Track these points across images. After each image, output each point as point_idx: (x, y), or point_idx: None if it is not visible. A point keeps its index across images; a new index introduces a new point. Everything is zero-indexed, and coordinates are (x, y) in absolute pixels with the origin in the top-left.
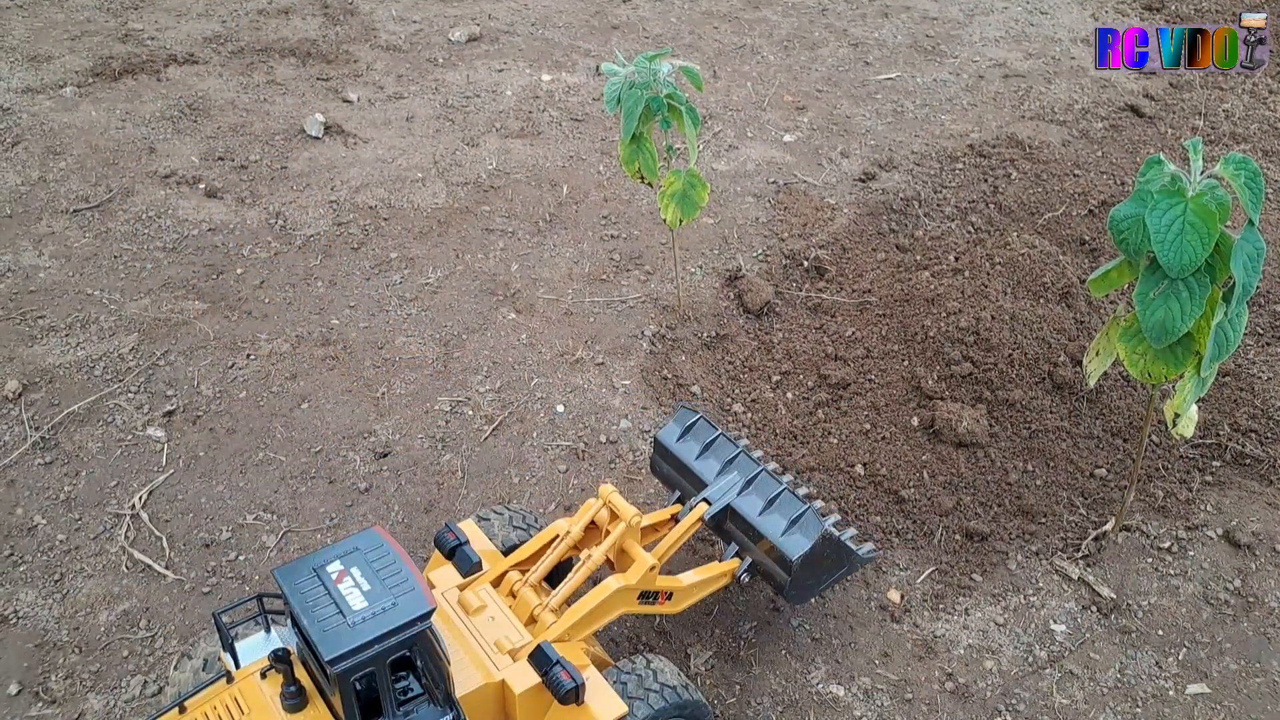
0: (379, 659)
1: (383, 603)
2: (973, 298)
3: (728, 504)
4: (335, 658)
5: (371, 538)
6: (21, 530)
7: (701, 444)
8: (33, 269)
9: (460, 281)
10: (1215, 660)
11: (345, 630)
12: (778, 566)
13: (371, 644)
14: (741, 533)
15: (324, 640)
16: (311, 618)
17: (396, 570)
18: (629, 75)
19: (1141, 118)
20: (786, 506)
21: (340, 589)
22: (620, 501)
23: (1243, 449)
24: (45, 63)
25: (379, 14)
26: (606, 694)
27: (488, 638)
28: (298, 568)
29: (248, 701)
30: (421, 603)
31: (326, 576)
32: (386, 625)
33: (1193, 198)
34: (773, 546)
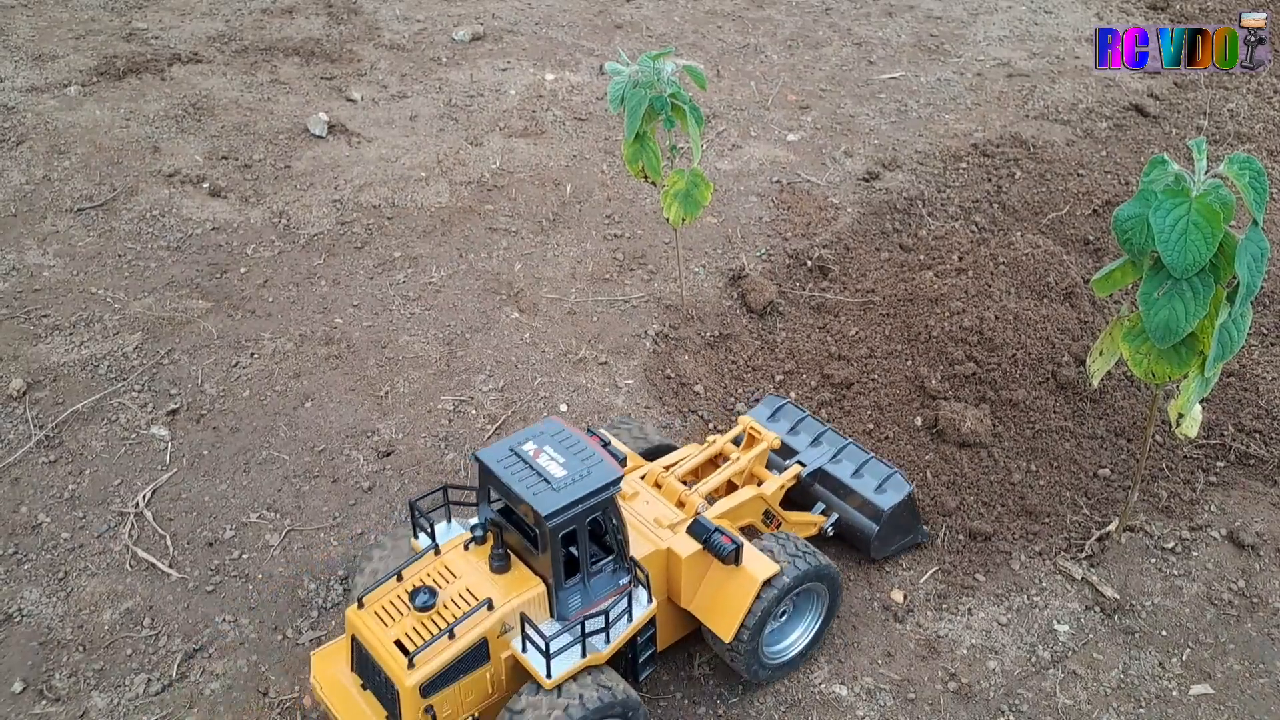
0: (580, 518)
1: (579, 471)
2: (976, 297)
3: (820, 467)
4: (550, 514)
5: (553, 424)
6: (26, 528)
7: (791, 422)
8: (37, 268)
9: (463, 281)
10: (1219, 661)
11: (553, 493)
12: (868, 519)
13: (576, 503)
14: (832, 492)
15: (538, 500)
16: (521, 486)
17: (583, 447)
18: (632, 74)
19: (1146, 117)
20: (876, 470)
21: (539, 462)
22: (761, 427)
23: (1247, 449)
24: (50, 62)
25: (383, 13)
26: (759, 556)
27: (647, 516)
28: (496, 450)
29: (456, 568)
30: (612, 471)
31: (525, 454)
32: (587, 488)
33: (1197, 198)
34: (865, 501)
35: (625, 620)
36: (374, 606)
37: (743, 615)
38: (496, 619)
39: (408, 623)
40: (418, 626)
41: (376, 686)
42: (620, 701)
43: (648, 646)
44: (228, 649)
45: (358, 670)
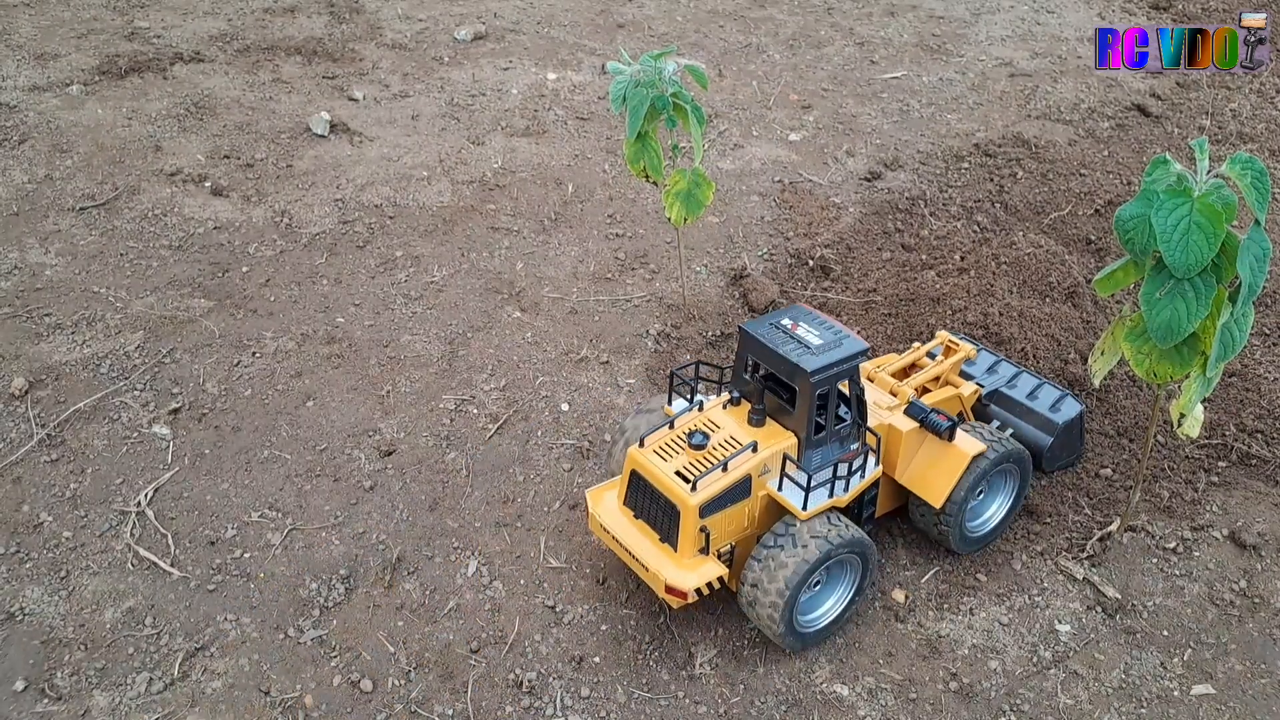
0: (834, 380)
1: (833, 341)
2: (978, 297)
3: (997, 389)
4: (814, 370)
5: (802, 309)
6: (28, 527)
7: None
8: (39, 266)
9: (465, 280)
10: (1220, 661)
11: (813, 355)
12: (1043, 432)
13: (834, 365)
14: (1008, 411)
15: (802, 359)
16: (786, 349)
17: (832, 325)
18: (634, 74)
19: (1148, 117)
20: (1049, 393)
21: (798, 333)
22: (958, 339)
23: (1249, 449)
24: (52, 61)
25: (385, 12)
26: (967, 436)
27: (868, 400)
28: (759, 324)
29: (720, 421)
30: (860, 343)
31: (784, 326)
32: (842, 353)
33: (1199, 197)
34: (1043, 418)
35: (860, 475)
36: (653, 446)
37: (953, 485)
38: (760, 459)
39: (684, 459)
40: (694, 461)
41: (651, 515)
42: (857, 540)
43: (870, 505)
44: (229, 648)
45: (630, 503)
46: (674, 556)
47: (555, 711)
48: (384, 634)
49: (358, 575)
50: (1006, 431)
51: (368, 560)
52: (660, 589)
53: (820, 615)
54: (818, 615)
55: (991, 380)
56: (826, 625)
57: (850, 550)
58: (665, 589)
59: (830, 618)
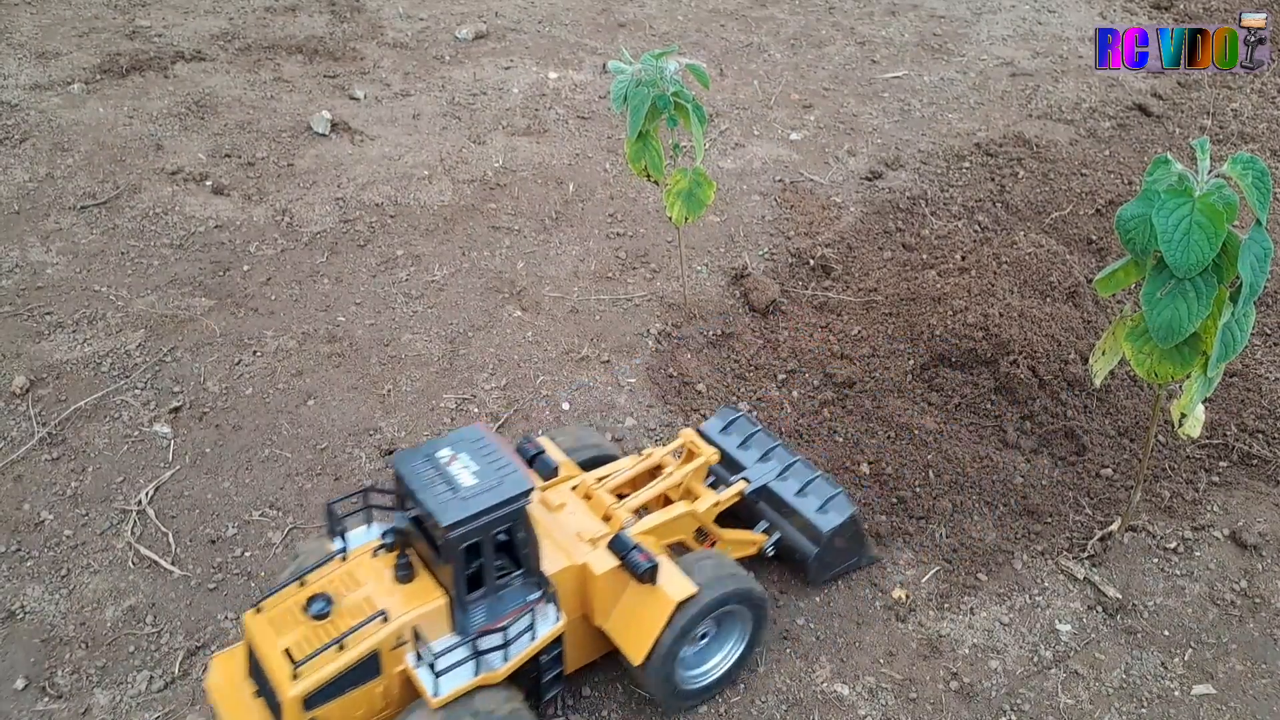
0: (486, 530)
1: (489, 481)
2: (979, 296)
3: (766, 484)
4: (451, 524)
5: (475, 431)
6: (29, 526)
7: (743, 436)
8: (40, 265)
9: (466, 279)
10: (1221, 661)
11: (459, 502)
12: (807, 540)
13: (481, 514)
14: (775, 510)
15: (441, 510)
16: (428, 493)
17: (499, 457)
18: (635, 73)
19: (1149, 117)
20: (820, 489)
21: (451, 470)
22: (701, 442)
23: (1249, 449)
24: (53, 59)
25: (386, 11)
26: (678, 576)
27: (570, 529)
28: (412, 454)
29: (361, 575)
30: (523, 482)
31: (438, 461)
32: (494, 499)
33: (1200, 197)
34: (807, 522)
35: (528, 637)
36: (271, 612)
37: (655, 636)
38: (390, 631)
39: (300, 631)
40: (310, 635)
41: (268, 695)
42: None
43: (553, 666)
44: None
45: (253, 676)
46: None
47: (556, 711)
48: None
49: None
50: (774, 536)
51: None
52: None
53: None
54: None
55: (761, 472)
56: None
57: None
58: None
59: None
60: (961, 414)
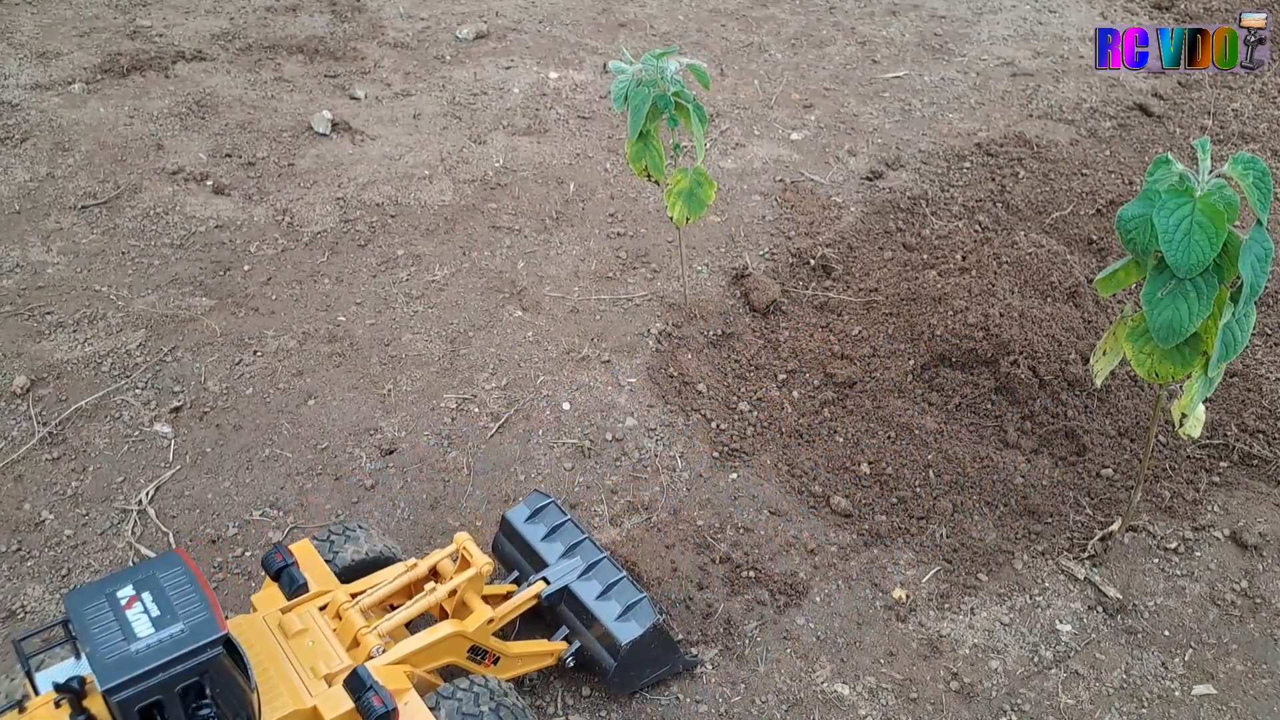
0: (165, 687)
1: (171, 630)
2: (980, 296)
3: (566, 585)
4: (112, 687)
5: (171, 561)
6: (29, 525)
7: (549, 527)
8: (41, 265)
9: (467, 279)
10: (1221, 661)
11: (127, 658)
12: (606, 651)
13: (154, 671)
14: (575, 615)
15: (102, 669)
16: (94, 645)
17: (190, 596)
18: (636, 73)
19: (1150, 117)
20: (623, 594)
21: (128, 615)
22: (474, 549)
23: (1250, 449)
24: (54, 59)
25: (386, 11)
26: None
27: (304, 663)
28: (89, 592)
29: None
30: (211, 629)
31: (116, 602)
32: (172, 652)
33: (1201, 197)
34: (605, 631)
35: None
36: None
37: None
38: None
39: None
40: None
41: None
42: None
43: None
44: None
45: None
46: None
47: (556, 710)
48: None
49: None
50: (573, 645)
51: None
52: None
53: None
54: None
55: (564, 570)
56: None
57: None
58: None
59: None
60: (962, 414)
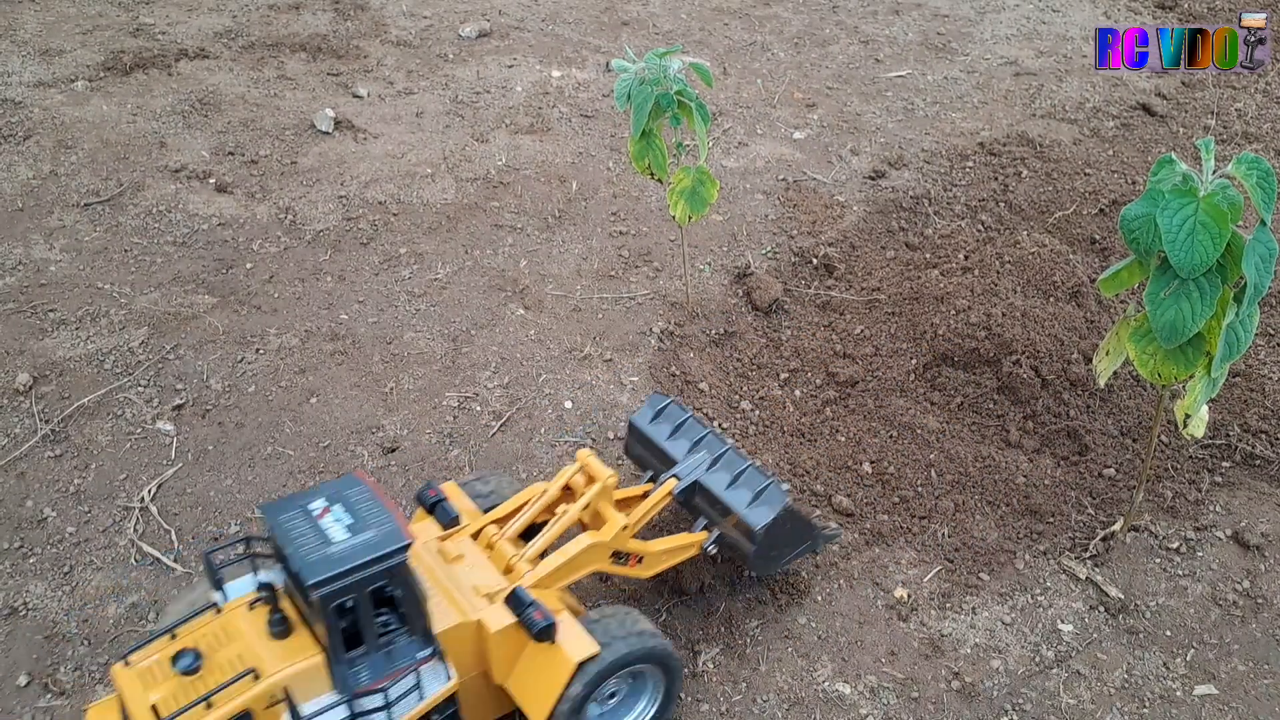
0: (358, 586)
1: (363, 536)
2: (982, 296)
3: (696, 479)
4: (317, 582)
5: (353, 481)
6: (31, 522)
7: (673, 425)
8: (43, 262)
9: (469, 277)
10: (1223, 661)
11: (328, 558)
12: (743, 537)
13: (351, 571)
14: (709, 506)
15: (306, 567)
16: (295, 547)
17: (375, 510)
18: (639, 71)
19: (1153, 116)
20: (752, 481)
21: (323, 523)
22: (597, 464)
23: (1253, 450)
24: (56, 56)
25: (389, 9)
26: (579, 634)
27: (466, 583)
28: (284, 505)
29: (234, 629)
30: (399, 536)
31: (310, 513)
32: (365, 555)
33: (1204, 197)
34: (739, 519)
35: (415, 697)
36: (140, 665)
37: (555, 698)
38: (262, 689)
39: (169, 686)
40: (177, 691)
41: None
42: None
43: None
44: None
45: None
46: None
47: None
48: None
49: None
50: (713, 534)
51: None
52: None
53: None
54: None
55: (692, 465)
56: None
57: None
58: None
59: None
60: (964, 413)
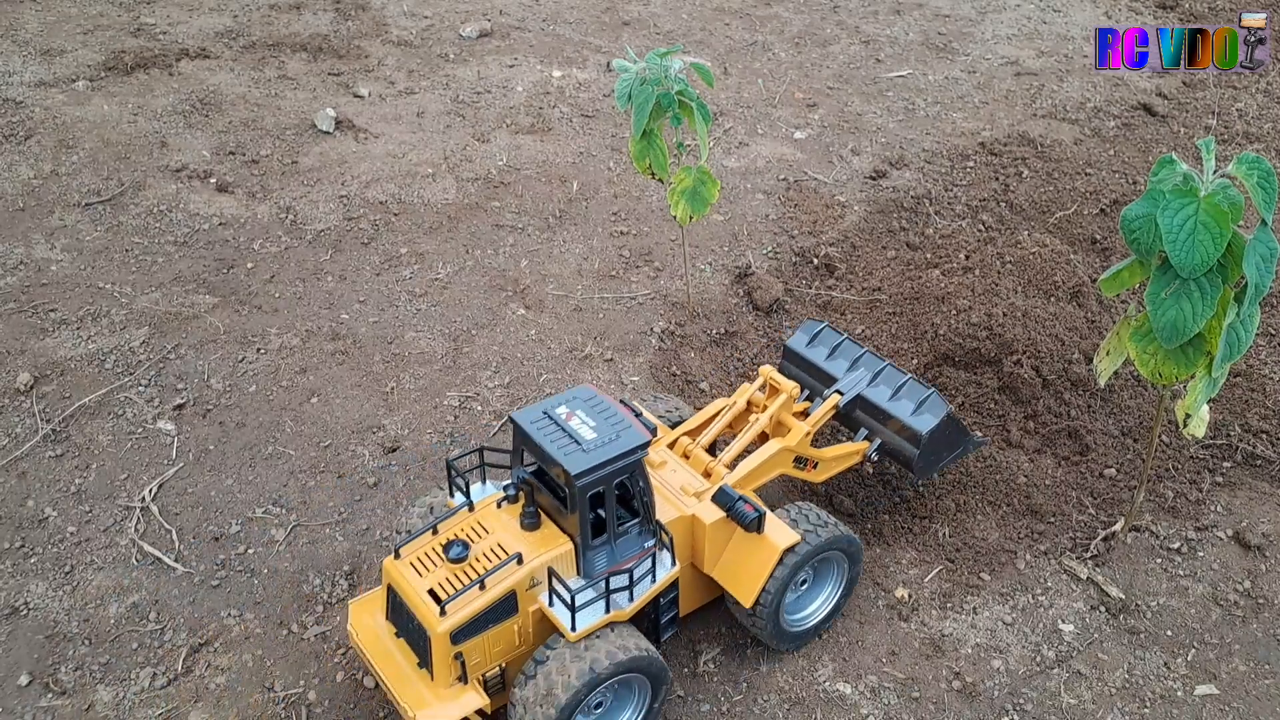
0: (608, 479)
1: (609, 434)
2: (983, 296)
3: (858, 393)
4: (580, 473)
5: (586, 391)
6: (32, 522)
7: (829, 348)
8: (44, 262)
9: (470, 277)
10: (1224, 661)
11: (583, 453)
12: (907, 443)
13: (606, 464)
14: (871, 417)
15: (568, 460)
16: (553, 446)
17: (613, 413)
18: (640, 71)
19: (1154, 116)
20: (913, 392)
21: (571, 425)
22: (780, 377)
23: (1253, 450)
24: (58, 56)
25: (390, 9)
26: (782, 526)
27: (674, 485)
28: (530, 413)
29: (489, 524)
30: (640, 436)
31: (557, 417)
32: (615, 451)
33: (1205, 197)
34: (903, 425)
35: (649, 580)
36: (410, 557)
37: (763, 581)
38: (525, 573)
39: (441, 573)
40: (450, 577)
41: (409, 634)
42: (641, 658)
43: (670, 609)
44: (233, 643)
45: (392, 619)
46: (430, 684)
47: None
48: None
49: (361, 571)
50: (874, 443)
51: (371, 557)
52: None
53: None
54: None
55: (853, 381)
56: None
57: (630, 672)
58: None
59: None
60: (965, 413)
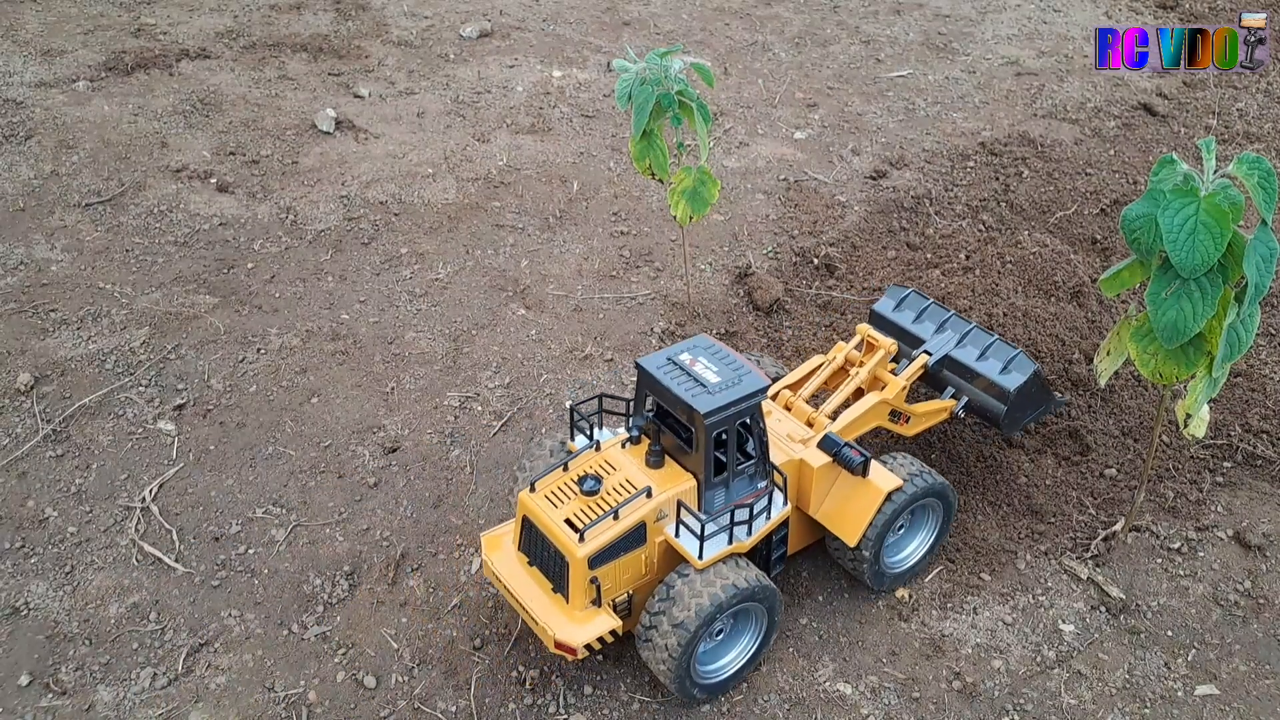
0: (732, 420)
1: (731, 378)
2: (983, 296)
3: (946, 354)
4: (708, 412)
5: (705, 340)
6: (33, 522)
7: (916, 311)
8: (45, 262)
9: (470, 277)
10: (1224, 661)
11: (709, 395)
12: (995, 399)
13: (731, 405)
14: (959, 376)
15: (696, 401)
16: (681, 388)
17: (733, 359)
18: (640, 71)
19: (1154, 116)
20: (1000, 352)
21: (695, 370)
22: (878, 334)
23: (1254, 450)
24: (58, 57)
25: (390, 9)
26: (884, 472)
27: (781, 432)
28: (655, 359)
29: (616, 462)
30: (760, 380)
31: (681, 363)
32: (739, 393)
33: (1205, 197)
34: (991, 383)
35: (765, 517)
36: (544, 491)
37: (867, 523)
38: (654, 505)
39: (575, 505)
40: (585, 508)
41: (543, 562)
42: (760, 587)
43: (780, 546)
44: (233, 644)
45: (524, 549)
46: (565, 608)
47: (558, 709)
48: (387, 630)
49: (361, 571)
50: (961, 401)
51: (371, 557)
52: (550, 644)
53: (723, 666)
54: (720, 666)
55: (940, 343)
56: (728, 677)
57: (751, 600)
58: (555, 644)
59: (733, 669)
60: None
